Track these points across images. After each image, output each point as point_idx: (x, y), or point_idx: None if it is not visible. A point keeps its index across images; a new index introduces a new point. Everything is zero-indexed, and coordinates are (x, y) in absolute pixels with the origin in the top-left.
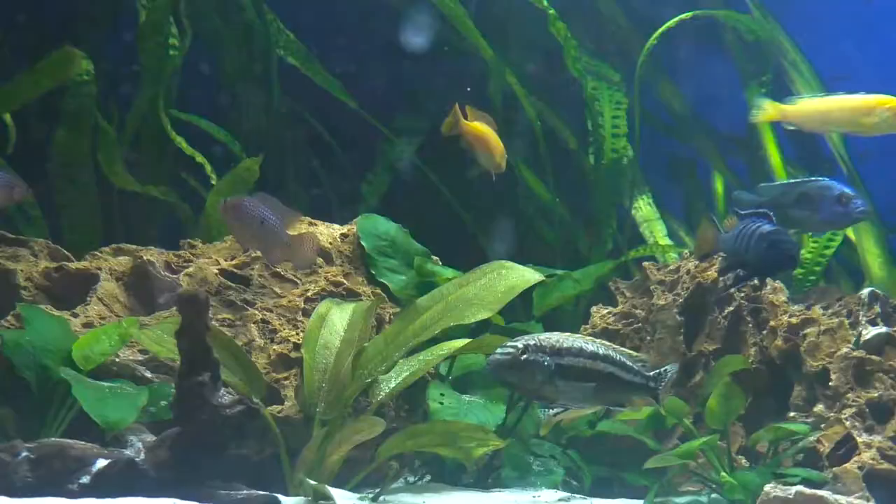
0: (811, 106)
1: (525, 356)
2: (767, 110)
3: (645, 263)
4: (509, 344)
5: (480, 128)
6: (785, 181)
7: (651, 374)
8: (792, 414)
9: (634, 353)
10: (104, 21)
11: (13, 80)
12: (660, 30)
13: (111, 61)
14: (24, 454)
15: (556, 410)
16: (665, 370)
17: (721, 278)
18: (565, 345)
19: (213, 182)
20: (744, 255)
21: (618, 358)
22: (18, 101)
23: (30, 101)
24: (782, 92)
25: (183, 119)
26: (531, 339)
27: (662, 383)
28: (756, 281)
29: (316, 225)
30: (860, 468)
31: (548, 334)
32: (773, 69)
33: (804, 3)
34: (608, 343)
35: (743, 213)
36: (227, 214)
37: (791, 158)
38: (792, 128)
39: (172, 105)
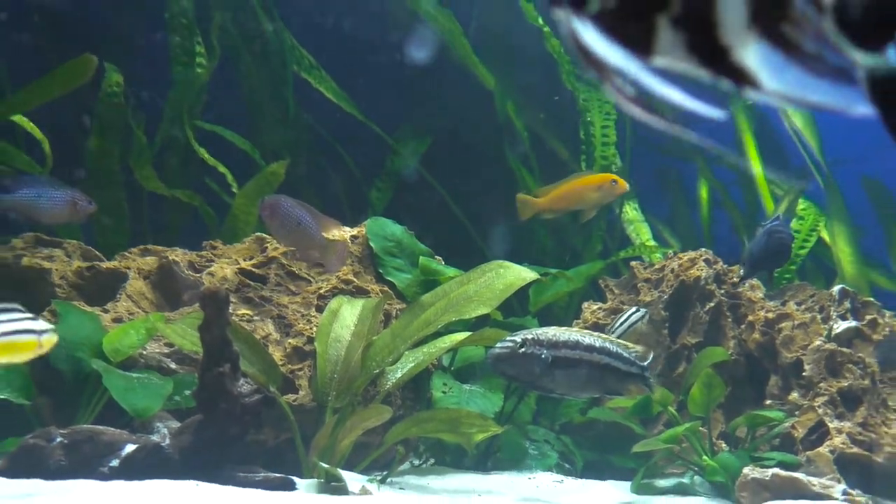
0: None
1: (523, 350)
2: None
3: (632, 263)
4: (508, 338)
5: (555, 194)
6: None
7: (644, 363)
8: (768, 402)
9: (631, 345)
10: (136, 39)
11: (31, 83)
12: None
13: (142, 75)
14: (59, 439)
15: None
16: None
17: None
18: (562, 338)
19: (234, 189)
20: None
21: (614, 349)
22: (34, 103)
23: (44, 103)
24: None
25: (207, 129)
26: (529, 334)
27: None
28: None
29: None
30: (832, 452)
31: (545, 329)
32: None
33: None
34: (605, 336)
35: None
36: (266, 212)
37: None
38: None
39: (199, 116)
